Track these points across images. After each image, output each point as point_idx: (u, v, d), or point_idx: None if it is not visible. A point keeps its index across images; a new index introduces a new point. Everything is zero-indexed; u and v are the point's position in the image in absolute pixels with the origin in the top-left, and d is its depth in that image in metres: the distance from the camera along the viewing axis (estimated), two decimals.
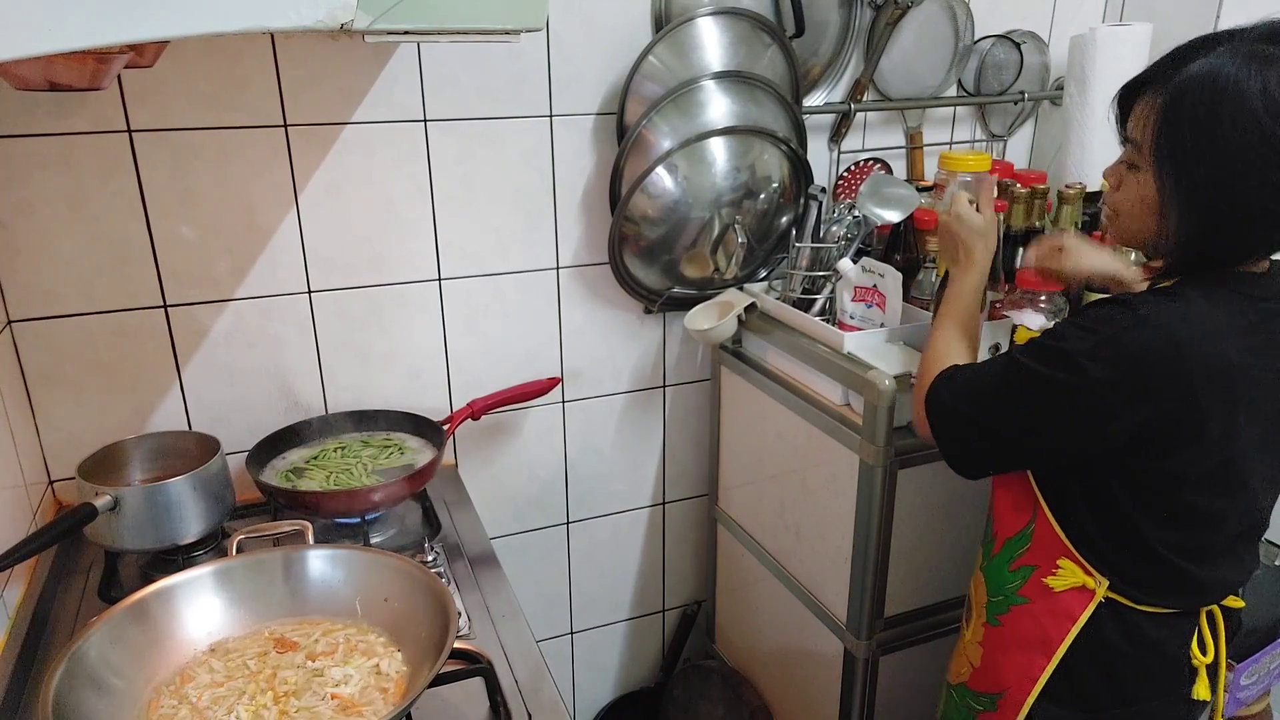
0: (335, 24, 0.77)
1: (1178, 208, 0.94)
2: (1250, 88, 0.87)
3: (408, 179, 1.49)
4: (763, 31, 1.58)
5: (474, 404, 1.55)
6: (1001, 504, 1.15)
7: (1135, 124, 0.97)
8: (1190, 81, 0.91)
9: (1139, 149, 0.96)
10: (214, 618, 1.03)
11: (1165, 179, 0.94)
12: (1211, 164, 0.91)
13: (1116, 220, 1.03)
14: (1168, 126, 0.92)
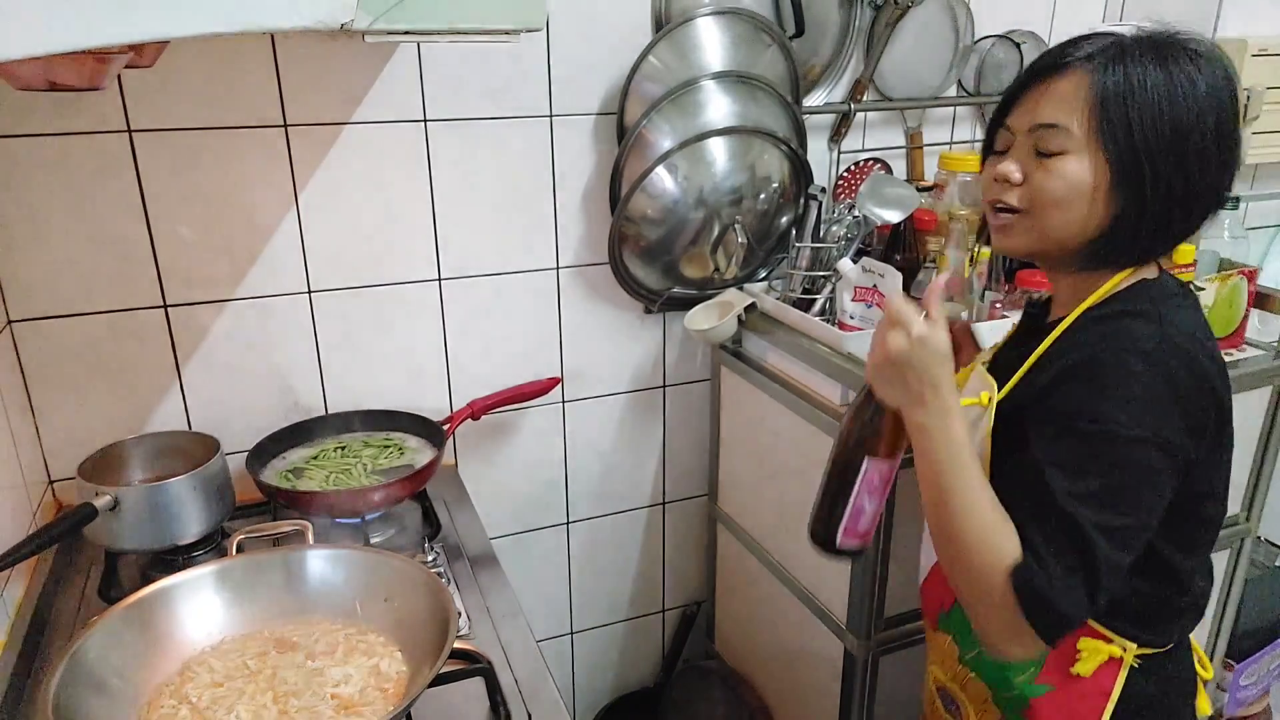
0: (335, 24, 0.77)
1: (1126, 187, 0.88)
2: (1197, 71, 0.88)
3: (408, 179, 1.49)
4: (763, 31, 1.58)
5: (474, 404, 1.55)
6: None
7: (1050, 109, 0.89)
8: (1127, 47, 0.88)
9: (1066, 132, 0.88)
10: (214, 618, 1.03)
11: (1116, 158, 0.87)
12: (1166, 135, 0.86)
13: (1034, 215, 0.92)
14: (1114, 102, 0.86)
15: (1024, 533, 0.86)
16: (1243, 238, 1.82)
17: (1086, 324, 0.94)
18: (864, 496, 0.96)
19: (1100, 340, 0.90)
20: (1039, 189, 0.91)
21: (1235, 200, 1.79)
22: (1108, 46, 0.89)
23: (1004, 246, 0.97)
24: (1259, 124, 1.82)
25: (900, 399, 0.91)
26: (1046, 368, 0.93)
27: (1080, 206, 0.90)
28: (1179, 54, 0.88)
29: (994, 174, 0.95)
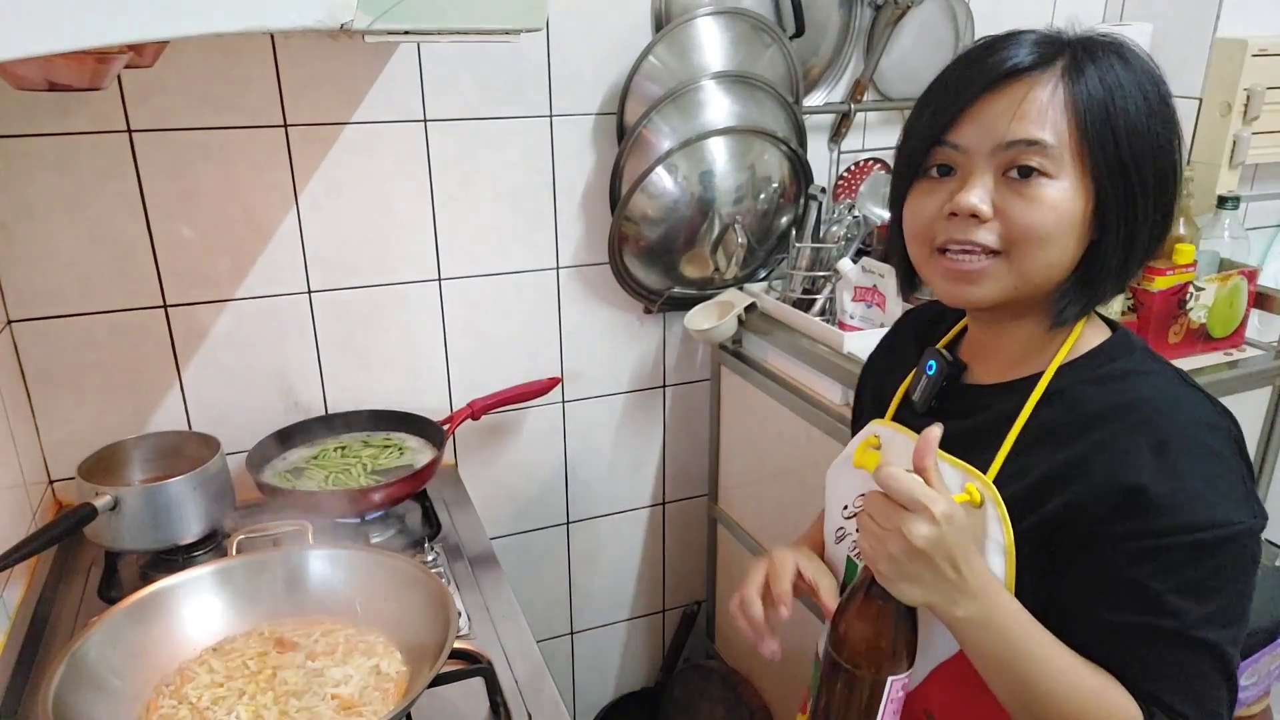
0: (335, 24, 0.77)
1: (1106, 214, 0.74)
2: (1151, 67, 0.76)
3: (408, 179, 1.49)
4: (763, 31, 1.58)
5: (474, 404, 1.55)
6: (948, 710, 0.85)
7: (1027, 122, 0.73)
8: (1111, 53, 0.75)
9: (1050, 151, 0.73)
10: (214, 618, 1.03)
11: (1102, 178, 0.74)
12: (1148, 148, 0.74)
13: (1014, 257, 0.75)
14: (1096, 112, 0.73)
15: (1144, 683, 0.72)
16: (1243, 238, 1.82)
17: (1078, 388, 0.78)
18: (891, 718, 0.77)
19: (1141, 417, 0.74)
20: (1022, 223, 0.73)
21: (1235, 200, 1.79)
22: (1062, 46, 0.76)
23: (968, 297, 0.77)
24: (1259, 124, 1.82)
25: (930, 595, 0.71)
26: (1040, 450, 0.77)
27: (1067, 242, 0.74)
28: (1129, 54, 0.76)
29: (952, 207, 0.75)
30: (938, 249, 0.77)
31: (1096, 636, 0.74)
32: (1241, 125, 1.81)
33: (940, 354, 0.86)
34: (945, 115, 0.76)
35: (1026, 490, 0.76)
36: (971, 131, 0.75)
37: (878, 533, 0.72)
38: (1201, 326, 1.73)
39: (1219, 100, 1.81)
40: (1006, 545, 0.75)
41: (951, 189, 0.76)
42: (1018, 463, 0.77)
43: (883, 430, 0.89)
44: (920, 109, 0.80)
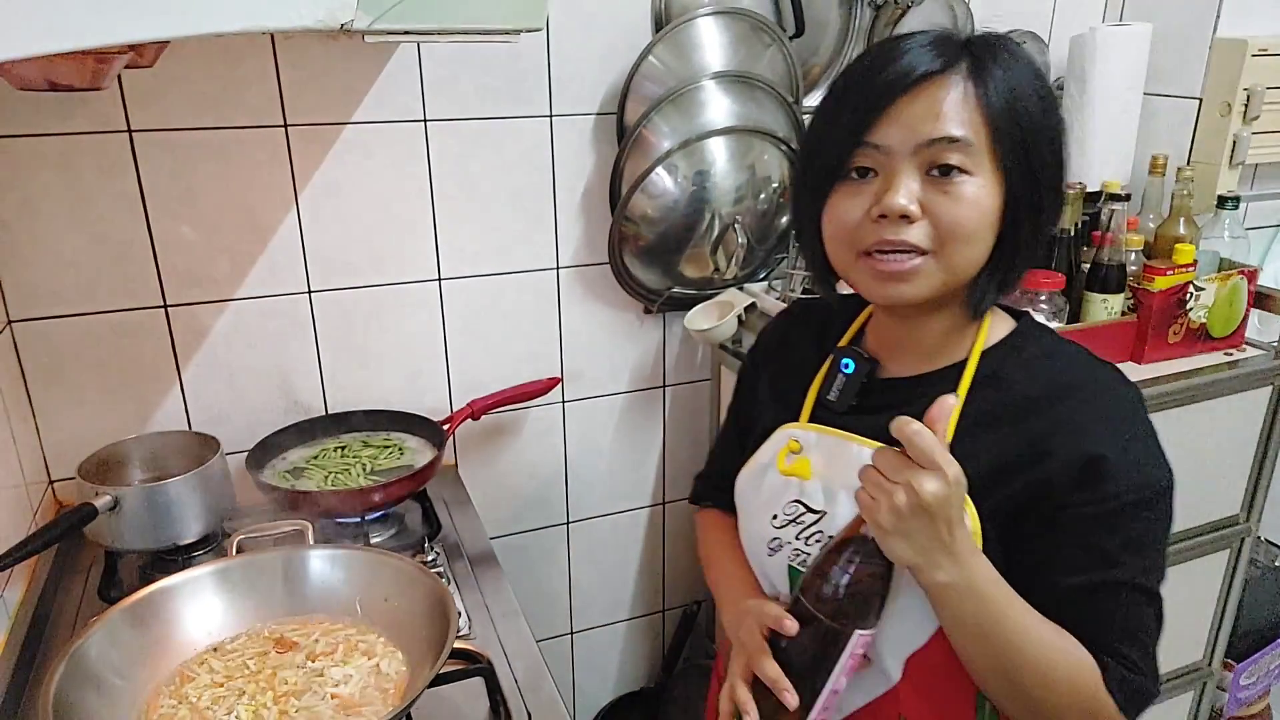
0: (335, 24, 0.77)
1: (1014, 208, 0.78)
2: (1036, 62, 0.81)
3: (408, 179, 1.49)
4: (763, 31, 1.58)
5: (474, 404, 1.55)
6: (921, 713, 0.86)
7: (949, 120, 0.75)
8: (1005, 52, 0.79)
9: (971, 148, 0.75)
10: (214, 618, 1.03)
11: (1013, 174, 0.77)
12: (1047, 144, 0.78)
13: (943, 254, 0.77)
14: (1004, 110, 0.76)
15: (1100, 636, 0.78)
16: (1243, 238, 1.82)
17: (1005, 371, 0.82)
18: (843, 678, 0.78)
19: (1087, 394, 0.80)
20: (949, 220, 0.75)
21: (1235, 200, 1.79)
22: (960, 47, 0.78)
23: (901, 295, 0.78)
24: (1259, 124, 1.82)
25: (919, 555, 0.73)
26: (985, 434, 0.80)
27: (988, 236, 0.77)
28: (1018, 52, 0.80)
29: (881, 209, 0.76)
30: (865, 252, 0.78)
31: (1054, 602, 0.78)
32: (1241, 125, 1.81)
33: (855, 352, 0.88)
34: (865, 117, 0.77)
35: (983, 474, 0.78)
36: (892, 132, 0.76)
37: (886, 485, 0.72)
38: (1201, 326, 1.73)
39: (1219, 100, 1.81)
40: (972, 528, 0.78)
41: (875, 191, 0.77)
42: (964, 448, 0.77)
43: (801, 434, 0.89)
44: (832, 114, 0.80)
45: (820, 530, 0.86)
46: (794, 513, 0.87)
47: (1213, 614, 1.95)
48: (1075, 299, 1.71)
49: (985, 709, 0.85)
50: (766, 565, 0.92)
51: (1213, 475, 1.79)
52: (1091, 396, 0.80)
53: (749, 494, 0.94)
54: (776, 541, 0.89)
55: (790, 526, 0.88)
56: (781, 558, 0.89)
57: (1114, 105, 1.82)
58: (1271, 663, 2.15)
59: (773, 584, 0.93)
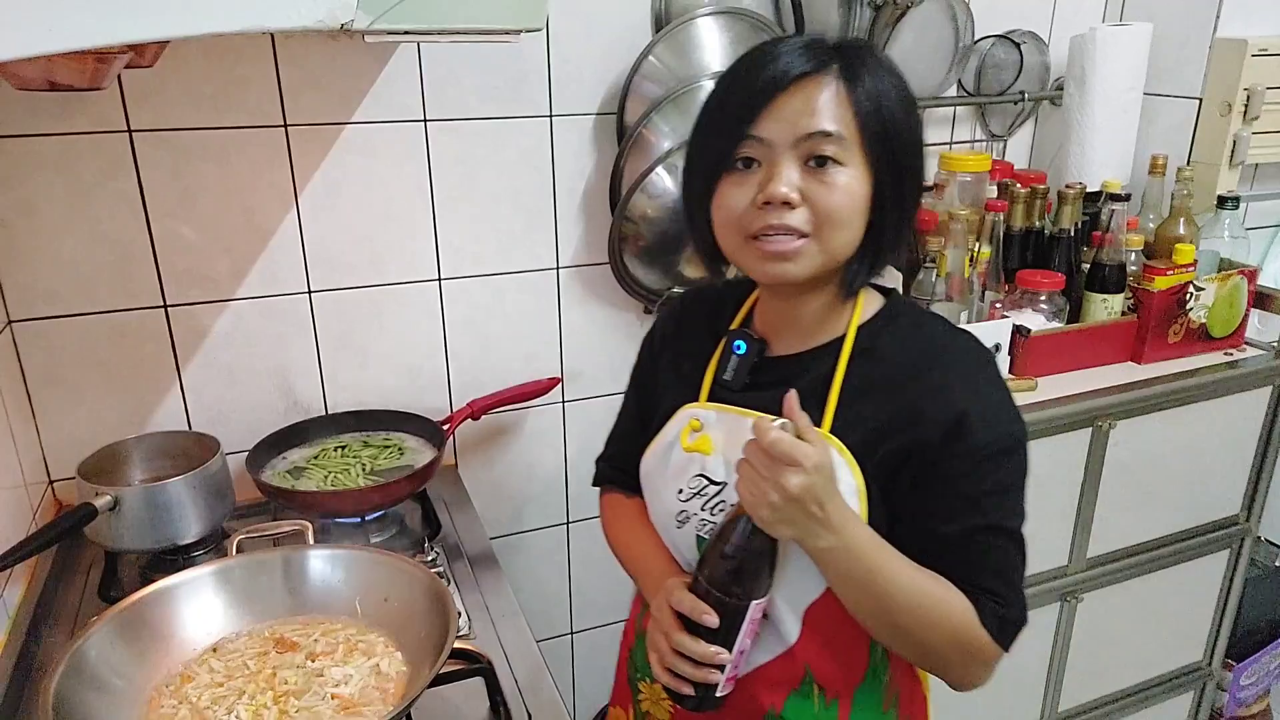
0: (335, 24, 0.77)
1: (882, 196, 0.85)
2: (899, 71, 0.87)
3: (408, 179, 1.49)
4: (763, 31, 1.58)
5: (474, 404, 1.55)
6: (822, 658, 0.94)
7: (823, 115, 0.82)
8: (872, 59, 0.85)
9: (843, 141, 0.83)
10: (214, 618, 1.03)
11: (879, 166, 0.84)
12: (909, 139, 0.86)
13: (820, 237, 0.84)
14: (871, 107, 0.83)
15: (973, 577, 0.87)
16: (1243, 238, 1.82)
17: (879, 343, 0.91)
18: (747, 640, 0.88)
19: (950, 358, 0.89)
20: (825, 206, 0.83)
21: (1235, 200, 1.79)
22: (831, 52, 0.84)
23: (785, 273, 0.86)
24: (1259, 124, 1.82)
25: (799, 532, 0.82)
26: (865, 401, 0.88)
27: (859, 222, 0.85)
28: (884, 61, 0.87)
29: (765, 196, 0.83)
30: (751, 236, 0.85)
31: (932, 548, 0.87)
32: (1241, 125, 1.81)
33: (746, 334, 0.95)
34: (749, 113, 0.84)
35: (865, 437, 0.87)
36: (773, 126, 0.83)
37: (759, 482, 0.81)
38: (1201, 326, 1.73)
39: (1219, 100, 1.82)
40: (857, 486, 0.87)
41: (759, 180, 0.84)
42: (847, 415, 0.88)
43: (701, 412, 0.96)
44: (717, 110, 0.88)
45: (723, 500, 0.93)
46: (698, 486, 0.95)
47: (1213, 614, 1.95)
48: (1075, 299, 1.71)
49: (877, 651, 0.94)
50: (676, 537, 0.99)
51: (1213, 475, 1.79)
52: (954, 361, 0.89)
53: (655, 472, 1.00)
54: (684, 514, 0.96)
55: (695, 499, 0.95)
56: (689, 529, 0.96)
57: (1114, 105, 1.82)
58: (1271, 663, 2.16)
59: (682, 554, 0.99)
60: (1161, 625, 1.89)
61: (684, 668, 0.88)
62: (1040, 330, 1.63)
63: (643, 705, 1.06)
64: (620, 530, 1.09)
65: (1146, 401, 1.64)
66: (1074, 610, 1.74)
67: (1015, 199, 1.71)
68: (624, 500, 1.10)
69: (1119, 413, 1.61)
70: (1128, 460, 1.66)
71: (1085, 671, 1.82)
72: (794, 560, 0.87)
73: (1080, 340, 1.67)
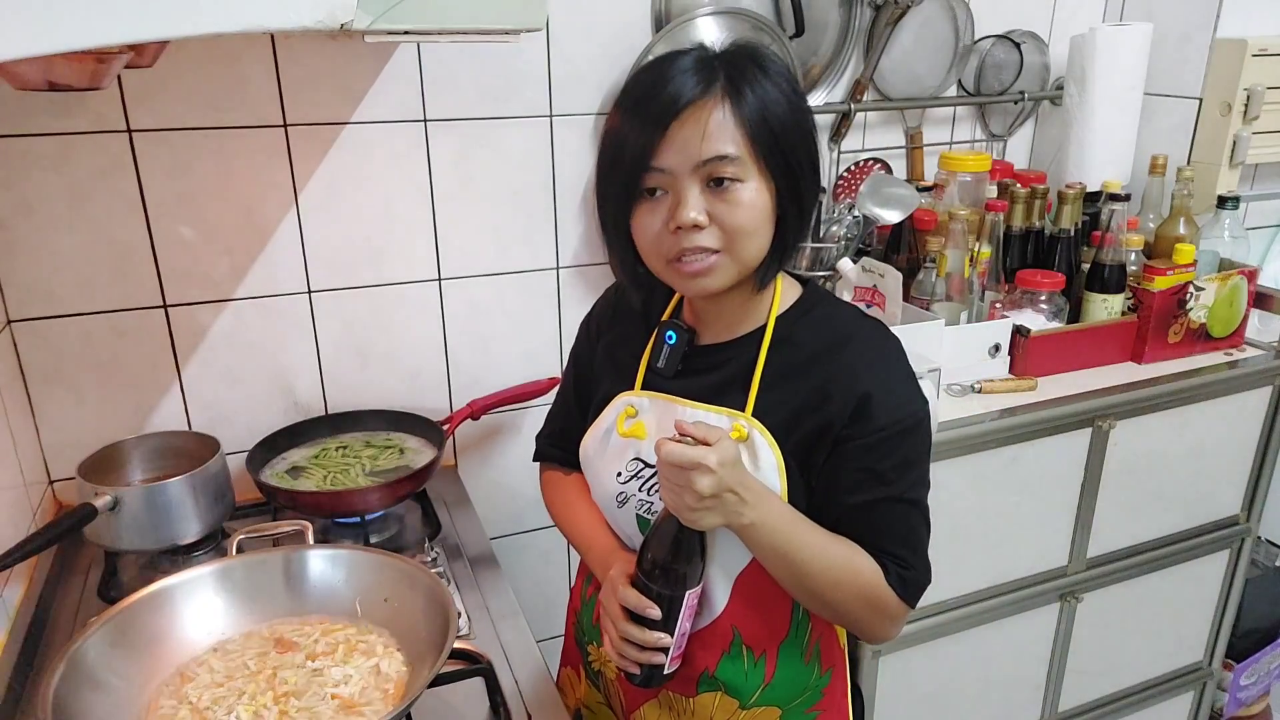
0: (335, 24, 0.77)
1: (784, 199, 0.91)
2: (781, 65, 0.92)
3: (408, 179, 1.49)
4: (763, 31, 1.58)
5: (474, 404, 1.55)
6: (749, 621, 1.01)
7: (716, 141, 0.86)
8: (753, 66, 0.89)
9: (738, 160, 0.87)
10: (214, 618, 1.03)
11: (776, 173, 0.89)
12: (798, 139, 0.90)
13: (732, 250, 0.90)
14: (758, 122, 0.87)
15: (879, 543, 0.95)
16: (1243, 238, 1.82)
17: (795, 331, 0.97)
18: (686, 623, 0.95)
19: (856, 345, 0.95)
20: (732, 223, 0.89)
21: (1235, 200, 1.79)
22: (714, 67, 0.88)
23: (706, 288, 0.92)
24: (1259, 124, 1.82)
25: (722, 519, 0.89)
26: (783, 386, 0.95)
27: (766, 229, 0.91)
28: (765, 61, 0.90)
29: (676, 222, 0.88)
30: (672, 259, 0.91)
31: (842, 517, 0.95)
32: (1241, 125, 1.81)
33: (677, 325, 1.02)
34: (647, 145, 0.88)
35: (783, 419, 0.94)
36: (671, 156, 0.87)
37: (675, 489, 0.87)
38: (1201, 326, 1.73)
39: (1219, 100, 1.82)
40: (777, 464, 0.94)
41: (669, 206, 0.89)
42: (767, 399, 0.95)
43: (636, 400, 1.03)
44: (617, 144, 0.91)
45: (656, 481, 0.98)
46: (635, 469, 1.01)
47: (1213, 614, 1.95)
48: (1075, 299, 1.71)
49: (799, 611, 1.02)
50: (617, 516, 1.05)
51: (1213, 475, 1.79)
52: (861, 346, 0.96)
53: (595, 456, 1.06)
54: (623, 495, 1.03)
55: (633, 481, 1.01)
56: (629, 508, 1.03)
57: (1114, 105, 1.83)
58: (1271, 663, 2.16)
59: (624, 530, 1.06)
60: (1161, 625, 1.89)
61: (631, 653, 0.95)
62: (1040, 330, 1.63)
63: (594, 666, 1.14)
64: (562, 505, 1.15)
65: (1147, 401, 1.64)
66: (1074, 610, 1.74)
67: (1015, 199, 1.71)
68: (563, 477, 1.16)
69: (1119, 413, 1.61)
70: (1128, 460, 1.66)
71: (1085, 671, 1.83)
72: (723, 535, 0.94)
73: (1080, 340, 1.67)
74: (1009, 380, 1.61)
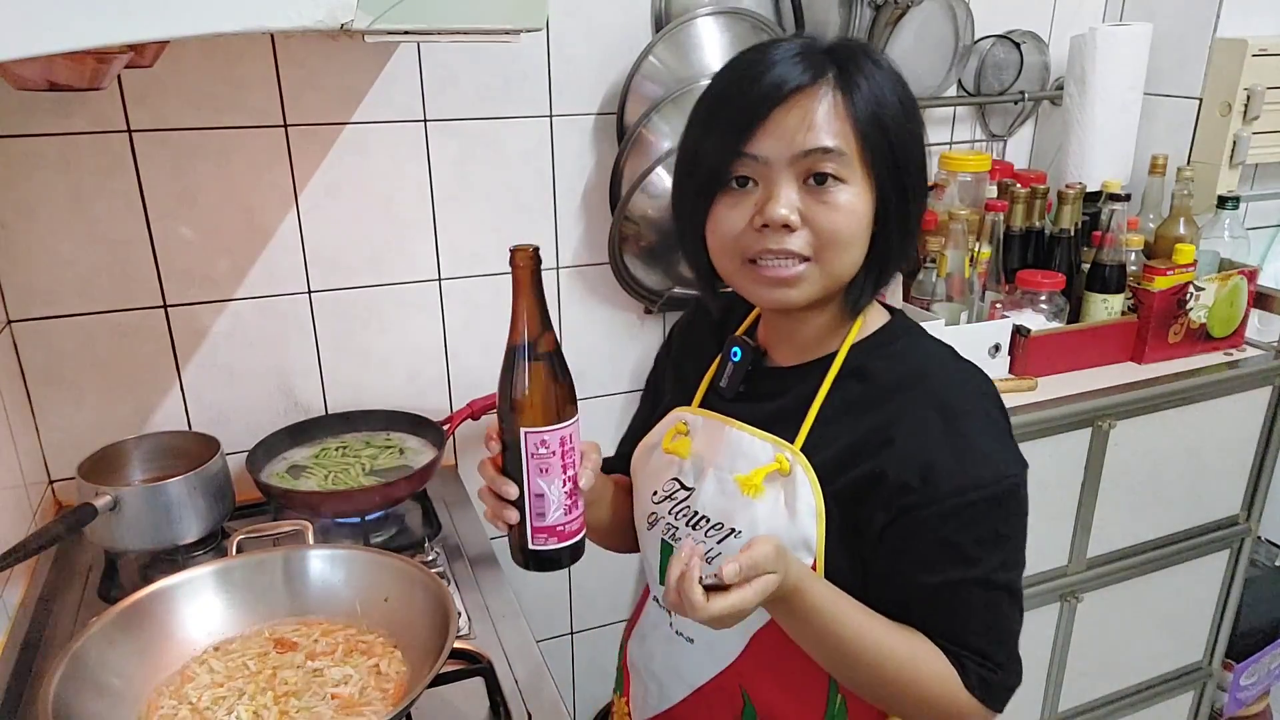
0: (335, 24, 0.77)
1: (885, 212, 0.81)
2: (895, 68, 0.82)
3: (408, 179, 1.49)
4: (763, 31, 1.58)
5: (474, 404, 1.55)
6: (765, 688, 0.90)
7: (823, 131, 0.77)
8: (869, 61, 0.80)
9: (845, 157, 0.78)
10: (214, 618, 1.03)
11: (882, 180, 0.80)
12: (912, 148, 0.81)
13: (823, 261, 0.80)
14: (871, 119, 0.78)
15: (958, 634, 0.81)
16: (1243, 238, 1.82)
17: (870, 363, 0.86)
18: (538, 477, 0.83)
19: (928, 387, 0.82)
20: (828, 228, 0.78)
21: (1235, 200, 1.79)
22: (824, 57, 0.79)
23: (786, 300, 0.82)
24: (1259, 124, 1.82)
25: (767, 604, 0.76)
26: (843, 421, 0.84)
27: (864, 241, 0.81)
28: (879, 59, 0.81)
29: (764, 219, 0.79)
30: (749, 260, 0.81)
31: (912, 598, 0.81)
32: (1241, 125, 1.81)
33: (744, 341, 0.92)
34: (742, 130, 0.79)
35: (833, 457, 0.83)
36: (769, 144, 0.78)
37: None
38: (1201, 326, 1.73)
39: (1219, 100, 1.82)
40: (817, 508, 0.82)
41: (757, 201, 0.80)
42: (823, 433, 0.84)
43: (690, 416, 0.95)
44: (707, 127, 0.83)
45: (688, 506, 0.90)
46: (670, 489, 0.93)
47: (1213, 614, 1.95)
48: (1075, 299, 1.71)
49: (838, 697, 0.88)
50: (646, 539, 0.98)
51: (1213, 475, 1.79)
52: (933, 388, 0.83)
53: (639, 471, 0.99)
54: (654, 516, 0.95)
55: (666, 502, 0.93)
56: (657, 531, 0.94)
57: (1114, 105, 1.82)
58: (1271, 663, 2.15)
59: (648, 557, 0.98)
60: (1161, 625, 1.89)
61: (490, 503, 0.86)
62: (1040, 330, 1.63)
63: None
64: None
65: (1146, 401, 1.63)
66: (1074, 610, 1.74)
67: (1015, 199, 1.71)
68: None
69: (1119, 413, 1.61)
70: (1128, 460, 1.66)
71: (1085, 671, 1.82)
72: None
73: (1080, 340, 1.67)
74: (1009, 380, 1.61)
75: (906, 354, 0.87)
